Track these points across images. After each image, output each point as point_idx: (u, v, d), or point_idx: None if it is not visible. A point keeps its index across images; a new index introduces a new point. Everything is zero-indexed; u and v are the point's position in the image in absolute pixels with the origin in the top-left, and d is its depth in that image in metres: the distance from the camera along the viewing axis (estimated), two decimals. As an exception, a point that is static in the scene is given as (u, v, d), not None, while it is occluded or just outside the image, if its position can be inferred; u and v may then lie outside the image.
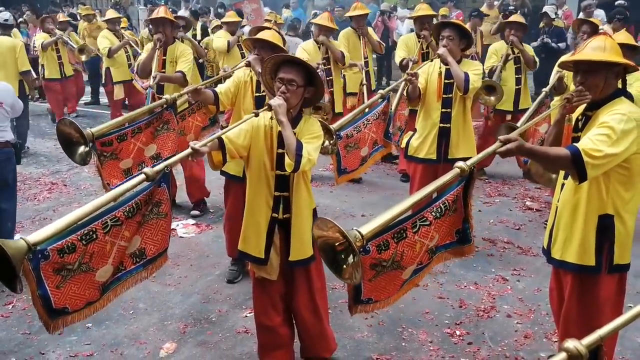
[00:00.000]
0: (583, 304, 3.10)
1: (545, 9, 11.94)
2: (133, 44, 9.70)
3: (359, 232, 2.42)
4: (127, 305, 4.52)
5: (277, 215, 3.46)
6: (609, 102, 2.96)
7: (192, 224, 6.19)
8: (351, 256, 2.49)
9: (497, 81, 6.78)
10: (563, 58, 3.33)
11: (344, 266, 2.56)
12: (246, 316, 4.35)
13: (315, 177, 7.37)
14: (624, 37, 4.83)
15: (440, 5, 12.72)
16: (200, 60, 9.96)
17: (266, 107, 3.29)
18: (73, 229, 2.84)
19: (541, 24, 11.11)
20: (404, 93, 5.18)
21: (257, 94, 4.57)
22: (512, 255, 5.47)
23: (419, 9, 7.49)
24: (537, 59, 7.36)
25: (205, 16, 13.30)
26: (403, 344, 4.08)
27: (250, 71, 4.59)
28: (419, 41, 7.11)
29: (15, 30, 10.14)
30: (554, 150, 2.90)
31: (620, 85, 3.10)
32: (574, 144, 2.87)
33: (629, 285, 4.74)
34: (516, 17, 7.62)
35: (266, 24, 7.09)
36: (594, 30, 5.86)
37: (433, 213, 2.94)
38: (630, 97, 3.29)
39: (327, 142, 4.23)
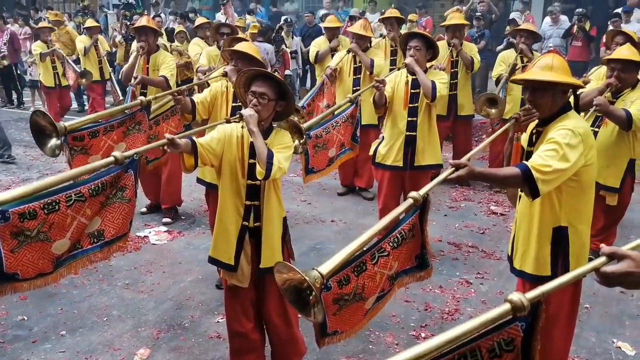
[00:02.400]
0: None
1: (513, 15, 12.27)
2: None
3: (319, 273, 2.39)
4: (101, 313, 4.59)
5: (247, 224, 3.55)
6: (557, 117, 3.06)
7: (164, 231, 6.26)
8: (312, 295, 2.44)
9: (503, 90, 6.90)
10: (515, 77, 3.45)
11: (309, 304, 2.53)
12: (218, 322, 4.45)
13: (285, 182, 7.48)
14: (628, 52, 4.89)
15: (409, 11, 12.96)
16: None
17: (237, 116, 3.41)
18: (37, 196, 2.92)
19: (507, 28, 11.39)
20: (371, 99, 5.30)
21: (234, 104, 4.66)
22: (476, 259, 5.65)
23: (452, 18, 7.66)
24: None
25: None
26: (370, 346, 4.22)
27: (227, 81, 4.69)
28: (449, 49, 7.33)
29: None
30: (504, 170, 2.99)
31: (572, 100, 3.24)
32: (524, 161, 2.97)
33: (586, 287, 4.96)
34: (527, 25, 7.74)
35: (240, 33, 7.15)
36: (629, 41, 5.51)
37: (390, 244, 2.98)
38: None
39: (296, 142, 4.34)
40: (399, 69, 5.47)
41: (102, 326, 4.42)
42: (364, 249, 2.82)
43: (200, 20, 9.42)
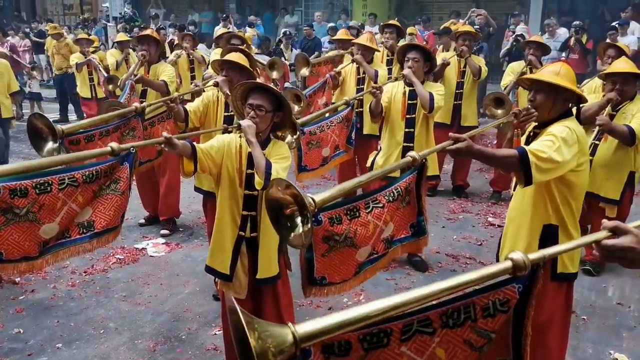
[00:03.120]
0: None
1: (519, 30, 12.25)
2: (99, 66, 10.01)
3: (312, 199, 2.31)
4: (97, 325, 4.57)
5: (244, 234, 3.56)
6: (555, 122, 3.12)
7: (162, 243, 6.25)
8: (302, 219, 2.35)
9: (512, 95, 6.93)
10: (521, 77, 3.50)
11: (293, 231, 2.43)
12: (215, 334, 4.43)
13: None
14: (626, 65, 4.92)
15: (407, 25, 13.02)
16: None
17: (236, 125, 3.43)
18: (29, 175, 2.93)
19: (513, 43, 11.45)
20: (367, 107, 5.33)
21: (226, 114, 4.69)
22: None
23: (462, 26, 8.03)
24: None
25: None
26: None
27: (218, 91, 4.71)
28: (457, 58, 7.46)
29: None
30: (502, 151, 3.05)
31: (574, 112, 3.26)
32: (522, 145, 3.03)
33: (583, 299, 4.96)
34: (537, 38, 7.84)
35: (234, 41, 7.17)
36: (620, 54, 5.64)
37: (386, 197, 3.00)
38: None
39: (289, 137, 4.34)
40: (396, 79, 5.51)
41: (98, 339, 4.40)
42: (358, 194, 2.80)
43: (221, 30, 9.55)
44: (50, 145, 4.12)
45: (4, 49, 10.75)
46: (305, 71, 7.26)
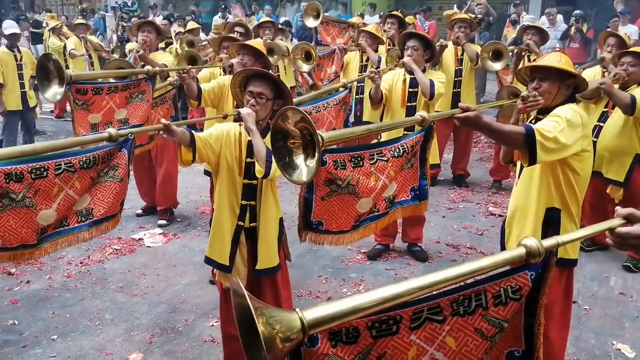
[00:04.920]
0: None
1: (526, 20, 12.17)
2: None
3: (321, 136, 2.20)
4: (93, 316, 4.52)
5: (242, 224, 3.51)
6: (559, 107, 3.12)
7: (159, 234, 6.18)
8: (306, 155, 2.27)
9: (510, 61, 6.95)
10: (531, 64, 3.49)
11: (292, 165, 2.33)
12: (212, 325, 4.38)
13: (282, 184, 7.42)
14: None
15: (407, 14, 12.92)
16: None
17: (235, 113, 3.36)
18: (25, 159, 2.89)
19: (510, 32, 11.36)
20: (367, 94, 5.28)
21: None
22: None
23: (458, 15, 7.96)
24: None
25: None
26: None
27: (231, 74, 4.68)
28: (454, 46, 7.39)
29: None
30: (509, 126, 3.03)
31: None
32: (529, 123, 3.02)
33: (585, 289, 4.92)
34: (537, 24, 7.80)
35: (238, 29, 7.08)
36: (621, 44, 5.73)
37: (391, 151, 3.02)
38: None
39: None
40: (395, 66, 5.47)
41: (94, 330, 4.35)
42: (365, 145, 2.79)
43: (264, 18, 9.61)
44: (56, 87, 4.10)
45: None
46: (305, 66, 7.15)
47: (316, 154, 2.18)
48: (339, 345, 1.61)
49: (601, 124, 5.19)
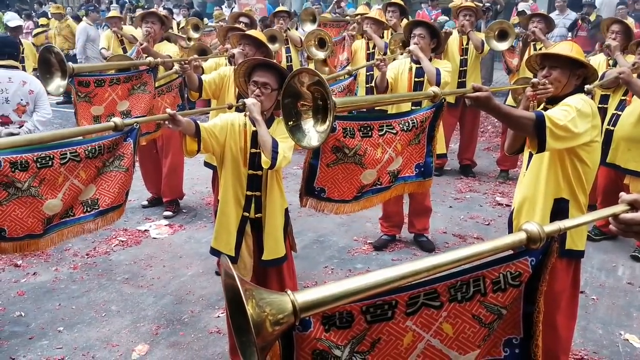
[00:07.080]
0: None
1: (521, 6, 12.11)
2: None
3: (334, 100, 2.14)
4: (99, 308, 4.52)
5: (248, 214, 3.49)
6: (569, 96, 3.09)
7: (165, 225, 6.17)
8: (317, 119, 2.21)
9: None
10: (543, 51, 3.44)
11: (300, 128, 2.28)
12: (218, 316, 4.37)
13: (288, 175, 7.41)
14: None
15: (413, 3, 12.84)
16: None
17: (240, 103, 3.33)
18: (30, 148, 2.88)
19: (516, 20, 11.26)
20: (373, 83, 5.25)
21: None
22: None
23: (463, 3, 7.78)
24: None
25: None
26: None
27: (233, 65, 4.66)
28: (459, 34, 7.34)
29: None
30: (519, 110, 3.01)
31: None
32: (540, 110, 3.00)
33: (593, 279, 4.89)
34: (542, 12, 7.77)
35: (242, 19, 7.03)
36: (626, 30, 5.59)
37: (400, 125, 3.02)
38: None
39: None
40: (401, 54, 5.44)
41: (100, 322, 4.35)
42: (375, 115, 2.77)
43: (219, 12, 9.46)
44: (59, 80, 4.08)
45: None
46: (320, 53, 7.10)
47: (328, 119, 2.12)
48: (332, 329, 1.56)
49: (619, 112, 5.15)
